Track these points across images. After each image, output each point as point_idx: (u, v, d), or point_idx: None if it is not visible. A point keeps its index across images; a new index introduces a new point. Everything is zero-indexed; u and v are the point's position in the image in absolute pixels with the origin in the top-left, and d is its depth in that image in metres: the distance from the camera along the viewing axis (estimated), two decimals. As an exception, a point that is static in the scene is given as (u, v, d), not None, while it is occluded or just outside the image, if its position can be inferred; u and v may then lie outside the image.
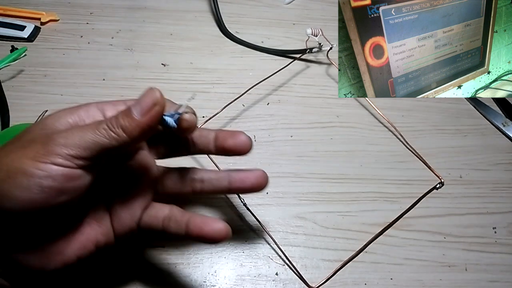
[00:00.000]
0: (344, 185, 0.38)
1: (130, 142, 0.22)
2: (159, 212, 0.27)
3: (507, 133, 0.43)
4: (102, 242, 0.25)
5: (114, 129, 0.22)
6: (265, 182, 0.28)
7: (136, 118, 0.22)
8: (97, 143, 0.22)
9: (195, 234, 0.26)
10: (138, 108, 0.22)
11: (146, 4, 0.52)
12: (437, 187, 0.38)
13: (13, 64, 0.42)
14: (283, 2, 0.54)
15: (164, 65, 0.46)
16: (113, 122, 0.22)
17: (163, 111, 0.23)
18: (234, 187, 0.28)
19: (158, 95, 0.23)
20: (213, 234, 0.26)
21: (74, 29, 0.48)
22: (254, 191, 0.28)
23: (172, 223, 0.26)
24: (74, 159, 0.21)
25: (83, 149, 0.21)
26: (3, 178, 0.20)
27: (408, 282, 0.33)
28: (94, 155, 0.22)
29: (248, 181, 0.27)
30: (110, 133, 0.22)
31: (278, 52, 0.48)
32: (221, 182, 0.28)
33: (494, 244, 0.36)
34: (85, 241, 0.25)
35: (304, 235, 0.35)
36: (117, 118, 0.22)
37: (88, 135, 0.21)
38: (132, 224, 0.26)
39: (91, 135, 0.22)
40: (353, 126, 0.43)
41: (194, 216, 0.26)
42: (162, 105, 0.23)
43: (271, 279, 0.32)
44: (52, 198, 0.21)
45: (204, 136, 0.28)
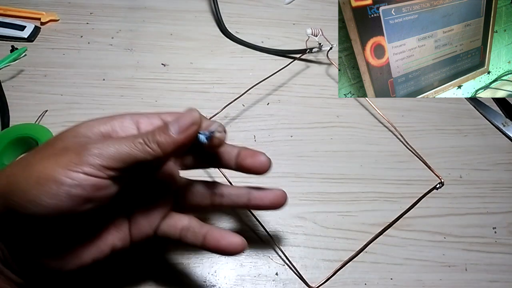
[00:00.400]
0: (344, 185, 0.38)
1: (163, 157, 0.23)
2: (177, 222, 0.27)
3: (507, 133, 0.43)
4: (118, 247, 0.26)
5: (150, 144, 0.22)
6: (284, 201, 0.28)
7: (173, 136, 0.23)
8: (132, 156, 0.22)
9: (212, 247, 0.26)
10: (176, 126, 0.23)
11: (146, 4, 0.52)
12: (437, 187, 0.38)
13: (13, 64, 0.42)
14: (283, 2, 0.54)
15: (164, 65, 0.46)
16: (150, 137, 0.23)
17: (199, 129, 0.24)
18: (252, 204, 0.28)
19: (197, 115, 0.24)
20: (229, 248, 0.26)
21: (74, 29, 0.48)
22: (272, 209, 0.28)
23: (189, 233, 0.27)
24: (105, 170, 0.22)
25: (117, 161, 0.22)
26: (33, 184, 0.21)
27: (408, 282, 0.33)
28: (125, 167, 0.22)
29: (266, 200, 0.28)
30: (146, 147, 0.22)
31: (278, 52, 0.48)
32: (241, 198, 0.28)
33: (494, 244, 0.36)
34: (102, 246, 0.25)
35: (304, 235, 0.35)
36: (154, 134, 0.23)
37: (123, 148, 0.22)
38: (150, 231, 0.26)
39: (127, 148, 0.22)
40: (353, 126, 0.43)
41: (212, 229, 0.27)
42: (199, 125, 0.24)
43: (271, 279, 0.32)
44: (79, 206, 0.21)
45: (228, 152, 0.28)
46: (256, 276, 0.32)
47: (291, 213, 0.36)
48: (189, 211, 0.28)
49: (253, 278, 0.32)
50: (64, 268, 0.24)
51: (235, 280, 0.32)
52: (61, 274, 0.24)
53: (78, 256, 0.24)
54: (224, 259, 0.33)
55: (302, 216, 0.36)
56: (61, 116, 0.40)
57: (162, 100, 0.42)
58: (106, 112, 0.41)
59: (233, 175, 0.37)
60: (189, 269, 0.32)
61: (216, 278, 0.32)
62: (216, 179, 0.37)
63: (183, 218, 0.27)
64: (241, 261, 0.33)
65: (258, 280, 0.32)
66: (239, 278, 0.32)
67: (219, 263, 0.33)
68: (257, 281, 0.32)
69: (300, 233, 0.35)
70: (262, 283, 0.32)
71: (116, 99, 0.42)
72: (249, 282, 0.32)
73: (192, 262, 0.32)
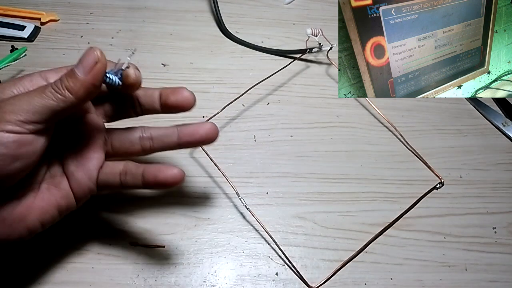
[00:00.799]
0: (344, 185, 0.38)
1: (77, 102, 0.23)
2: (114, 169, 0.28)
3: (507, 133, 0.43)
4: (63, 206, 0.26)
5: (60, 90, 0.23)
6: (216, 135, 0.28)
7: (80, 78, 0.23)
8: (45, 106, 0.22)
9: (152, 183, 0.27)
10: (80, 68, 0.23)
11: (146, 4, 0.52)
12: (437, 187, 0.38)
13: (13, 64, 0.42)
14: (283, 2, 0.54)
15: (164, 65, 0.46)
16: (58, 84, 0.23)
17: (105, 68, 0.24)
18: (183, 141, 0.28)
19: (98, 53, 0.23)
20: (168, 180, 0.27)
21: (74, 29, 0.48)
22: (204, 143, 0.28)
23: (128, 176, 0.27)
24: (24, 125, 0.22)
25: (32, 113, 0.22)
26: None
27: (408, 282, 0.33)
28: (43, 119, 0.22)
29: (197, 135, 0.28)
30: (57, 95, 0.23)
31: (278, 52, 0.48)
32: (171, 138, 0.28)
33: (494, 244, 0.36)
34: (46, 206, 0.25)
35: (304, 235, 0.35)
36: (62, 80, 0.23)
37: (35, 100, 0.22)
38: (90, 184, 0.27)
39: (39, 99, 0.22)
40: (353, 126, 0.43)
41: (148, 166, 0.27)
42: (103, 63, 0.24)
43: (271, 279, 0.32)
44: (7, 165, 0.22)
45: (149, 95, 0.28)
46: (256, 276, 0.32)
47: (291, 213, 0.36)
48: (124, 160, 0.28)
49: (253, 278, 0.32)
50: (12, 236, 0.24)
51: (235, 280, 0.32)
52: (13, 244, 0.24)
53: (23, 220, 0.24)
54: (224, 259, 0.33)
55: (302, 216, 0.36)
56: (61, 116, 0.40)
57: (162, 100, 0.42)
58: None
59: (232, 175, 0.37)
60: (189, 269, 0.32)
61: (216, 278, 0.32)
62: (217, 179, 0.37)
63: (118, 164, 0.28)
64: (241, 261, 0.33)
65: (258, 280, 0.32)
66: (239, 278, 0.32)
67: (219, 263, 0.33)
68: (257, 281, 0.32)
69: (300, 233, 0.35)
70: (262, 283, 0.32)
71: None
72: (249, 282, 0.32)
73: (192, 262, 0.33)
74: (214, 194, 0.36)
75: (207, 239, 0.34)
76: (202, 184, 0.37)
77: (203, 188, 0.37)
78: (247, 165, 0.39)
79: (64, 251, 0.32)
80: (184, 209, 0.35)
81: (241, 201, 0.34)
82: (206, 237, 0.34)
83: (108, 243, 0.33)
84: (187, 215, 0.35)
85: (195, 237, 0.34)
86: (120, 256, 0.32)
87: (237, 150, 0.40)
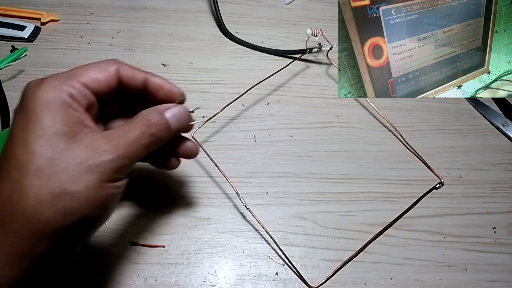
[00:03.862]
0: (344, 185, 0.38)
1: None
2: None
3: (507, 133, 0.43)
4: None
5: (153, 140, 0.25)
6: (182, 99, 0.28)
7: (172, 131, 0.26)
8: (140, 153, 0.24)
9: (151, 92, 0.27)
10: (176, 124, 0.26)
11: (146, 4, 0.52)
12: (437, 187, 0.38)
13: (13, 64, 0.42)
14: (283, 2, 0.54)
15: (164, 65, 0.46)
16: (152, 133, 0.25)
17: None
18: (149, 89, 0.27)
19: (191, 116, 0.28)
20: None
21: (74, 29, 0.48)
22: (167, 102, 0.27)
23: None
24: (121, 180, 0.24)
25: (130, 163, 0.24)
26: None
27: (408, 282, 0.33)
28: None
29: (162, 92, 0.27)
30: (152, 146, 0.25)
31: (278, 52, 0.48)
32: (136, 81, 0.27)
33: (494, 244, 0.36)
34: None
35: (304, 235, 0.35)
36: (154, 132, 0.25)
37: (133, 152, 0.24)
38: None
39: (137, 148, 0.24)
40: (353, 126, 0.43)
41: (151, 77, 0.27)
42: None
43: (271, 279, 0.32)
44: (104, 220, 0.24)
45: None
46: (256, 276, 0.32)
47: (291, 213, 0.36)
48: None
49: (253, 278, 0.32)
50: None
51: (235, 280, 0.32)
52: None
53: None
54: (224, 259, 0.33)
55: (302, 216, 0.36)
56: (61, 116, 0.40)
57: (162, 100, 0.42)
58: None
59: (232, 175, 0.37)
60: (189, 269, 0.32)
61: (216, 278, 0.32)
62: (217, 179, 0.37)
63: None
64: (241, 261, 0.33)
65: (258, 280, 0.32)
66: (239, 278, 0.32)
67: (219, 263, 0.33)
68: (257, 281, 0.32)
69: (300, 233, 0.35)
70: (262, 283, 0.32)
71: (116, 99, 0.42)
72: (249, 282, 0.32)
73: (192, 262, 0.33)
74: (214, 194, 0.36)
75: (207, 239, 0.34)
76: (202, 184, 0.37)
77: (203, 188, 0.37)
78: (247, 165, 0.39)
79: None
80: (184, 209, 0.35)
81: (241, 201, 0.34)
82: (206, 237, 0.34)
83: (108, 242, 0.33)
84: (187, 215, 0.35)
85: (195, 237, 0.34)
86: (120, 256, 0.32)
87: (237, 150, 0.40)
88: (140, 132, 0.24)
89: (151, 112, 0.25)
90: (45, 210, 0.20)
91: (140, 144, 0.23)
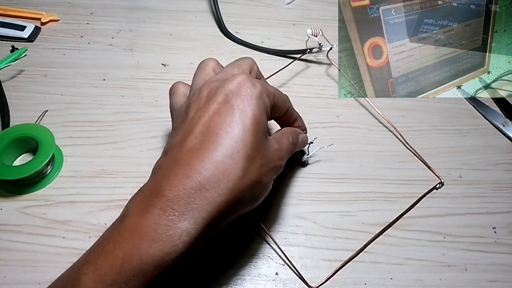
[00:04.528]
0: (344, 185, 0.38)
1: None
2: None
3: (507, 133, 0.43)
4: None
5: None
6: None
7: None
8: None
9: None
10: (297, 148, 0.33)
11: (146, 4, 0.52)
12: (437, 187, 0.38)
13: (13, 64, 0.42)
14: (283, 2, 0.54)
15: (164, 65, 0.46)
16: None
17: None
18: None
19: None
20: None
21: (74, 29, 0.48)
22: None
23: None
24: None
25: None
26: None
27: (408, 282, 0.33)
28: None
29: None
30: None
31: (278, 52, 0.48)
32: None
33: (494, 244, 0.36)
34: None
35: (304, 235, 0.35)
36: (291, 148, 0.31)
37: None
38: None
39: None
40: (353, 126, 0.43)
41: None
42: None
43: (271, 279, 0.32)
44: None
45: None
46: (256, 276, 0.32)
47: (291, 213, 0.36)
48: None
49: (253, 278, 0.32)
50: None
51: (235, 280, 0.32)
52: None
53: None
54: (224, 258, 0.33)
55: (302, 216, 0.36)
56: (61, 116, 0.40)
57: (162, 100, 0.42)
58: (106, 112, 0.41)
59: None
60: (189, 269, 0.32)
61: (217, 278, 0.32)
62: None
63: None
64: (241, 261, 0.33)
65: (258, 280, 0.32)
66: (239, 278, 0.32)
67: (219, 263, 0.33)
68: (257, 281, 0.32)
69: (300, 233, 0.35)
70: (262, 283, 0.32)
71: (116, 99, 0.42)
72: (249, 282, 0.32)
73: (192, 261, 0.33)
74: (214, 194, 0.36)
75: (207, 239, 0.34)
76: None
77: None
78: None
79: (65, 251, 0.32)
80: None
81: (241, 201, 0.34)
82: (206, 237, 0.34)
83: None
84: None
85: (195, 237, 0.34)
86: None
87: (237, 150, 0.39)
88: (289, 145, 0.30)
89: (291, 131, 0.32)
90: (244, 190, 0.25)
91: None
